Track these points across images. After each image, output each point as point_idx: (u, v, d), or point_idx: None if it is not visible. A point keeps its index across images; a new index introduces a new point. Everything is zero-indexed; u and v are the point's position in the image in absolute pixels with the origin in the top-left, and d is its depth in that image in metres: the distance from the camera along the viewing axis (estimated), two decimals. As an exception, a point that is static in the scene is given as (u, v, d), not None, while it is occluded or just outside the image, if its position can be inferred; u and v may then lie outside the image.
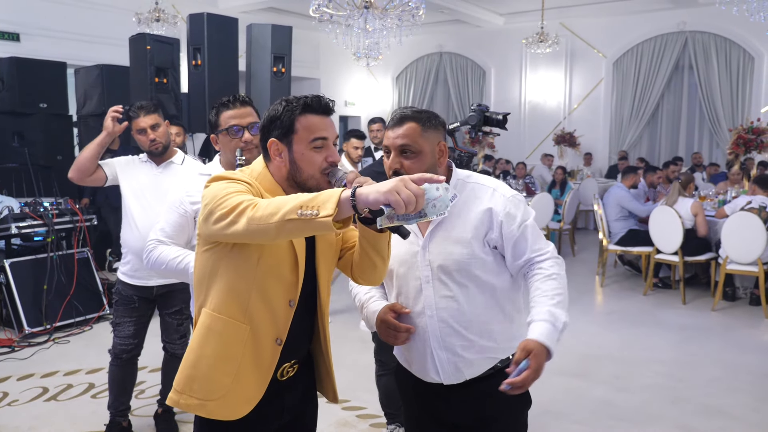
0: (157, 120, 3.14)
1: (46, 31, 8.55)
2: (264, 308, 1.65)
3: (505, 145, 12.08)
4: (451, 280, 1.83)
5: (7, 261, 5.10)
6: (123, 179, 3.22)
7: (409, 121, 1.81)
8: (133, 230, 3.16)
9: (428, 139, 1.81)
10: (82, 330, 5.22)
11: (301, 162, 1.63)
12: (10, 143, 6.97)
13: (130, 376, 3.35)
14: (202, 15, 5.67)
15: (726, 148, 8.88)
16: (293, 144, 1.63)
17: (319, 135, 1.63)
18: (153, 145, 3.15)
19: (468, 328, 1.84)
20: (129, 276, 3.19)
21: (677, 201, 6.32)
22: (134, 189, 3.18)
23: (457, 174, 1.90)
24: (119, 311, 3.23)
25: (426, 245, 1.86)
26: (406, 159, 1.80)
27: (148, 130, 3.12)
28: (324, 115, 1.66)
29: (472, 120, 2.75)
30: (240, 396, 1.65)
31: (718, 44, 10.74)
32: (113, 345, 3.27)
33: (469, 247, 1.82)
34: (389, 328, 1.85)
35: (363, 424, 3.58)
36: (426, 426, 2.01)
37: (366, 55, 9.66)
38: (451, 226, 1.84)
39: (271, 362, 1.67)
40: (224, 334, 1.65)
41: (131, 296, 3.20)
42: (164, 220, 2.35)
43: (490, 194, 1.86)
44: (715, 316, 5.79)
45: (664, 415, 3.77)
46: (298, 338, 1.75)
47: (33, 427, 3.54)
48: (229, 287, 1.64)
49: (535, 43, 10.59)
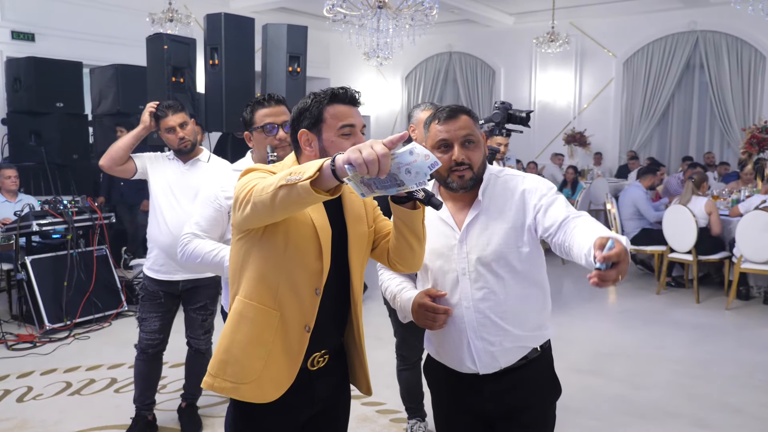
0: (184, 118, 3.18)
1: (60, 32, 8.62)
2: (292, 296, 1.70)
3: (515, 144, 12.07)
4: (489, 272, 1.87)
5: (28, 258, 5.17)
6: (152, 174, 3.26)
7: (462, 113, 1.89)
8: (160, 226, 3.19)
9: (478, 129, 1.92)
10: (102, 326, 5.29)
11: (330, 149, 1.69)
12: (27, 142, 7.06)
13: (156, 371, 3.40)
14: (220, 15, 5.71)
15: (739, 148, 8.88)
16: (322, 132, 1.70)
17: (346, 122, 1.70)
18: (182, 143, 3.18)
19: (504, 318, 1.88)
20: (155, 271, 3.23)
21: (691, 200, 6.33)
22: (162, 185, 3.22)
23: (490, 169, 1.95)
24: (145, 306, 3.26)
25: (463, 238, 1.90)
26: (468, 149, 1.87)
27: (177, 128, 3.16)
28: (351, 105, 1.73)
29: (496, 117, 2.78)
30: (271, 380, 1.71)
31: (729, 43, 10.72)
32: (139, 340, 3.31)
33: (507, 239, 1.86)
34: (427, 311, 1.87)
35: (383, 419, 3.62)
36: (455, 418, 2.04)
37: (377, 55, 9.70)
38: (489, 218, 1.88)
39: (300, 348, 1.72)
40: (255, 320, 1.71)
41: (157, 291, 3.24)
42: (199, 215, 2.40)
43: (522, 180, 1.92)
44: (729, 315, 5.80)
45: (680, 412, 3.79)
46: (327, 327, 1.79)
47: (59, 421, 3.60)
48: (259, 275, 1.70)
49: (545, 42, 10.59)
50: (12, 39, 8.28)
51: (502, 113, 2.75)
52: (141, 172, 3.28)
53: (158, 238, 3.20)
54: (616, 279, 1.43)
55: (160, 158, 3.32)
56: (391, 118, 14.63)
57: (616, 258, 1.40)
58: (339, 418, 1.96)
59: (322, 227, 1.71)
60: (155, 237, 3.22)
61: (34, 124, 7.05)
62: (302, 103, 1.74)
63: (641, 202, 6.83)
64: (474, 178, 1.88)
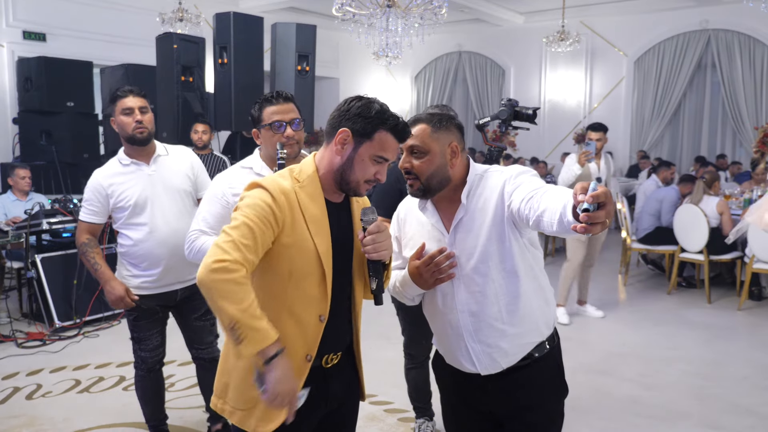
0: (145, 104, 2.85)
1: (71, 32, 8.68)
2: (295, 325, 1.69)
3: (524, 143, 12.06)
4: (477, 274, 1.85)
5: (38, 256, 5.19)
6: (117, 195, 2.86)
7: (420, 122, 1.87)
8: (155, 237, 2.88)
9: (438, 140, 1.85)
10: (111, 324, 5.31)
11: (357, 165, 1.69)
12: (38, 141, 7.10)
13: (162, 383, 3.24)
14: (229, 14, 5.74)
15: (751, 147, 8.79)
16: (361, 146, 1.69)
17: (386, 155, 1.71)
18: (138, 128, 2.79)
19: (498, 319, 1.86)
20: (151, 288, 2.93)
21: (702, 199, 6.27)
22: (136, 198, 2.86)
23: (475, 169, 1.92)
24: (141, 326, 3.01)
25: (452, 242, 1.88)
26: (415, 159, 1.86)
27: (135, 110, 2.80)
28: (400, 141, 1.74)
29: (503, 114, 2.77)
30: (264, 412, 1.69)
31: (742, 42, 10.62)
32: (141, 360, 3.07)
33: (489, 237, 1.83)
34: (427, 266, 1.85)
35: (391, 419, 3.61)
36: (463, 414, 2.04)
37: (386, 54, 9.70)
38: (472, 219, 1.86)
39: (299, 379, 1.70)
40: None
41: (153, 307, 2.98)
42: (206, 211, 2.40)
43: (499, 174, 1.88)
44: (741, 316, 5.74)
45: (691, 412, 3.75)
46: (338, 330, 1.81)
47: (68, 418, 3.61)
48: (261, 306, 1.64)
49: (555, 41, 10.54)
50: (23, 39, 8.34)
51: (509, 110, 2.73)
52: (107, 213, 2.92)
53: (154, 251, 2.88)
54: (605, 222, 1.37)
55: (114, 174, 2.88)
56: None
57: (603, 197, 1.35)
58: (349, 415, 1.96)
59: (324, 253, 1.70)
60: (150, 251, 2.88)
61: (45, 123, 7.10)
62: (365, 107, 1.69)
63: (668, 202, 6.69)
64: (422, 189, 1.85)
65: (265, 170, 2.42)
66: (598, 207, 1.36)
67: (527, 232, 1.86)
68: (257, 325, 1.51)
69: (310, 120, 6.28)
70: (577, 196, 1.40)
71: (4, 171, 6.67)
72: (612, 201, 1.38)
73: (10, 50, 8.24)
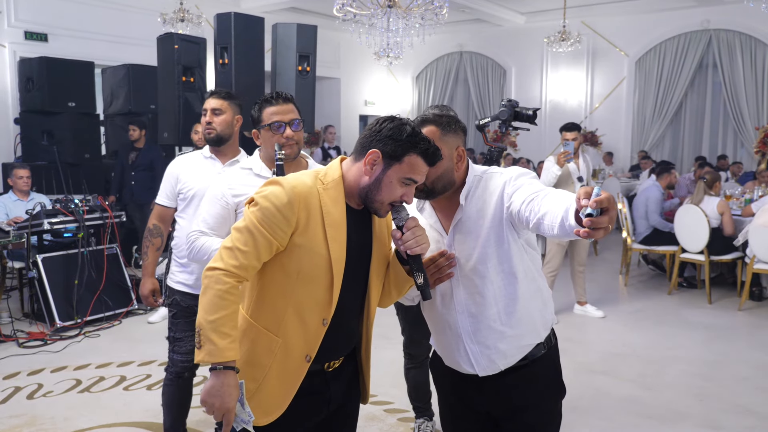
0: (222, 106, 2.88)
1: (73, 32, 8.70)
2: (298, 324, 1.70)
3: (525, 144, 12.05)
4: (476, 275, 1.84)
5: (39, 256, 5.20)
6: (186, 181, 2.93)
7: (429, 124, 1.84)
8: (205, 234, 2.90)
9: (447, 143, 1.84)
10: (112, 324, 5.32)
11: (385, 186, 1.69)
12: (39, 141, 7.12)
13: (189, 395, 3.07)
14: (230, 15, 5.73)
15: (752, 147, 8.79)
16: (390, 168, 1.68)
17: (415, 177, 1.70)
18: (207, 128, 2.88)
19: (497, 320, 1.86)
20: (190, 287, 2.89)
21: (703, 200, 6.27)
22: (199, 192, 2.85)
23: (474, 170, 1.91)
24: (180, 325, 2.92)
25: (451, 243, 1.88)
26: None
27: (209, 111, 2.88)
28: (429, 165, 1.72)
29: (503, 115, 2.77)
30: (262, 403, 1.71)
31: (743, 42, 10.61)
32: (173, 363, 2.97)
33: (488, 239, 1.83)
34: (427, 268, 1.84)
35: (391, 419, 3.61)
36: (460, 414, 2.04)
37: (387, 55, 9.70)
38: (472, 219, 1.85)
39: (296, 378, 1.72)
40: (256, 341, 1.72)
41: (192, 306, 2.86)
42: (206, 212, 2.41)
43: (499, 176, 1.87)
44: (742, 316, 5.74)
45: (691, 413, 3.75)
46: (344, 336, 1.81)
47: (68, 418, 3.62)
48: (268, 299, 1.70)
49: (556, 41, 10.53)
50: (25, 39, 8.36)
51: (509, 111, 2.74)
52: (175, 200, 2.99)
53: None
54: (608, 227, 1.38)
55: (192, 161, 2.98)
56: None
57: (606, 203, 1.36)
58: (350, 415, 1.96)
59: (337, 260, 1.69)
60: None
61: (47, 123, 7.11)
62: (397, 129, 1.68)
63: (652, 201, 6.75)
64: (426, 191, 1.83)
65: (264, 171, 2.42)
66: (601, 212, 1.37)
67: (525, 233, 1.86)
68: (216, 340, 1.58)
69: (310, 120, 6.27)
70: (581, 200, 1.40)
71: (5, 171, 6.69)
72: (615, 207, 1.40)
73: (11, 50, 8.25)
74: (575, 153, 5.38)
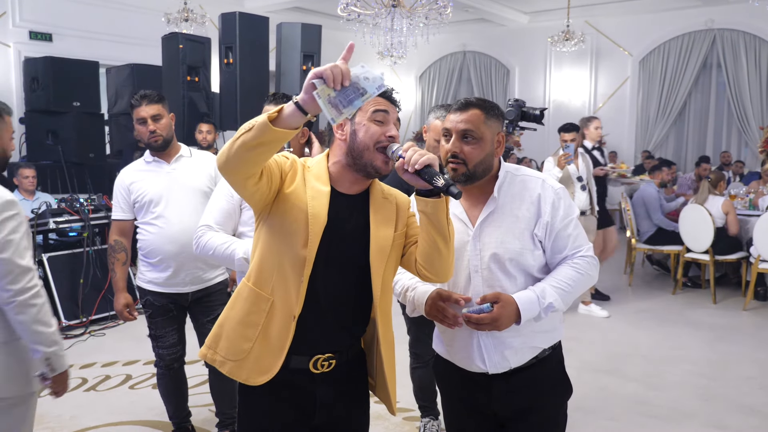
0: (159, 111, 2.93)
1: (77, 32, 8.72)
2: (282, 282, 1.71)
3: (529, 143, 12.02)
4: (501, 270, 1.84)
5: (45, 255, 5.22)
6: (138, 189, 2.98)
7: (473, 107, 1.84)
8: (166, 233, 2.95)
9: (490, 127, 1.85)
10: (117, 323, 5.33)
11: (360, 131, 1.69)
12: (44, 141, 7.13)
13: (185, 382, 3.23)
14: (234, 14, 5.75)
15: (757, 146, 8.77)
16: (355, 116, 1.70)
17: (379, 108, 1.70)
18: (152, 137, 2.91)
19: None
20: (163, 285, 3.00)
21: (707, 199, 6.26)
22: (154, 194, 2.96)
23: (506, 167, 1.92)
24: (158, 323, 3.05)
25: (477, 235, 1.87)
26: (466, 144, 1.82)
27: (148, 120, 2.90)
28: (385, 99, 1.72)
29: (510, 115, 2.78)
30: (255, 364, 1.73)
31: (747, 42, 10.59)
32: (160, 357, 3.10)
33: (521, 239, 1.84)
34: (438, 311, 1.85)
35: (396, 417, 3.62)
36: (465, 417, 2.03)
37: (391, 54, 9.70)
38: (503, 216, 1.86)
39: (285, 337, 1.71)
40: (248, 300, 1.75)
41: (166, 304, 3.02)
42: (214, 207, 2.44)
43: (540, 185, 1.87)
44: (747, 316, 5.74)
45: (696, 412, 3.75)
46: (331, 327, 1.76)
47: (75, 416, 3.63)
48: (261, 259, 1.75)
49: (560, 41, 10.52)
50: (30, 39, 8.39)
51: (516, 111, 2.74)
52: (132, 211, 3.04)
53: (167, 249, 2.95)
54: (484, 329, 1.78)
55: (138, 168, 3.04)
56: (405, 117, 14.62)
57: (473, 324, 1.76)
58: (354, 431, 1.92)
59: (315, 215, 1.68)
60: (162, 248, 2.96)
61: (52, 123, 7.12)
62: None
63: (650, 200, 6.74)
64: (467, 175, 1.82)
65: None
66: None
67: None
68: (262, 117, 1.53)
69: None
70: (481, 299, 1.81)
71: (11, 171, 6.71)
72: (498, 326, 1.78)
73: (16, 50, 8.28)
74: (574, 153, 5.37)
